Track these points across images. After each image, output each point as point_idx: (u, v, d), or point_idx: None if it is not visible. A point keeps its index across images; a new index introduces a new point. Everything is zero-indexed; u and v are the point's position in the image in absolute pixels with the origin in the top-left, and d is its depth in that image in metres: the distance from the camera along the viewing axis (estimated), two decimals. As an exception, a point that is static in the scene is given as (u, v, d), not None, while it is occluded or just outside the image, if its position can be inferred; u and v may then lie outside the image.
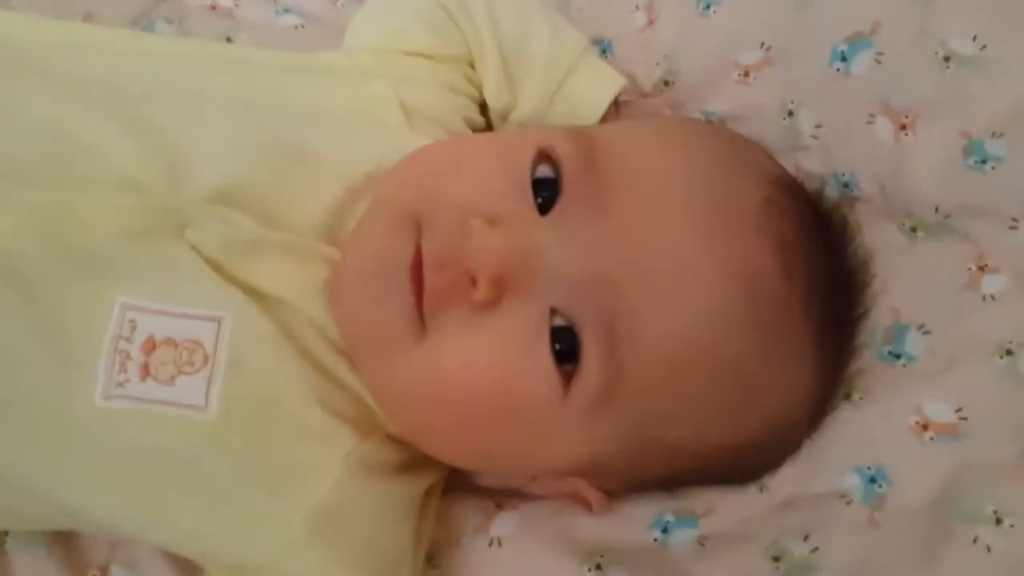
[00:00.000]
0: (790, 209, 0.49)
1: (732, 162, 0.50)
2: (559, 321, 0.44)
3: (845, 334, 0.53)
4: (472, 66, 0.65)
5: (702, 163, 0.48)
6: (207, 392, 0.46)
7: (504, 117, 0.66)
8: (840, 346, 0.53)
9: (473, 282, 0.44)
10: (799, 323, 0.47)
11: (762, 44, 0.65)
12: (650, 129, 0.55)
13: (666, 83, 0.70)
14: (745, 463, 0.52)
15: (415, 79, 0.60)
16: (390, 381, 0.48)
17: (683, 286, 0.44)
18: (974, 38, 0.57)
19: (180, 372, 0.46)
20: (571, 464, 0.49)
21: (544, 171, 0.47)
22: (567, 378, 0.45)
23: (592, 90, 0.66)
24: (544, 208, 0.46)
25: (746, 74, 0.66)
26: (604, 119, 0.66)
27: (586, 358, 0.44)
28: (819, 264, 0.49)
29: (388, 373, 0.47)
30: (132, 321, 0.46)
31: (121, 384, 0.45)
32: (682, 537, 0.52)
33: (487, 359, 0.45)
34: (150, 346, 0.46)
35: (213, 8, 0.79)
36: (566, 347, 0.44)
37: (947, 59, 0.57)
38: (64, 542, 0.55)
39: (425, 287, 0.45)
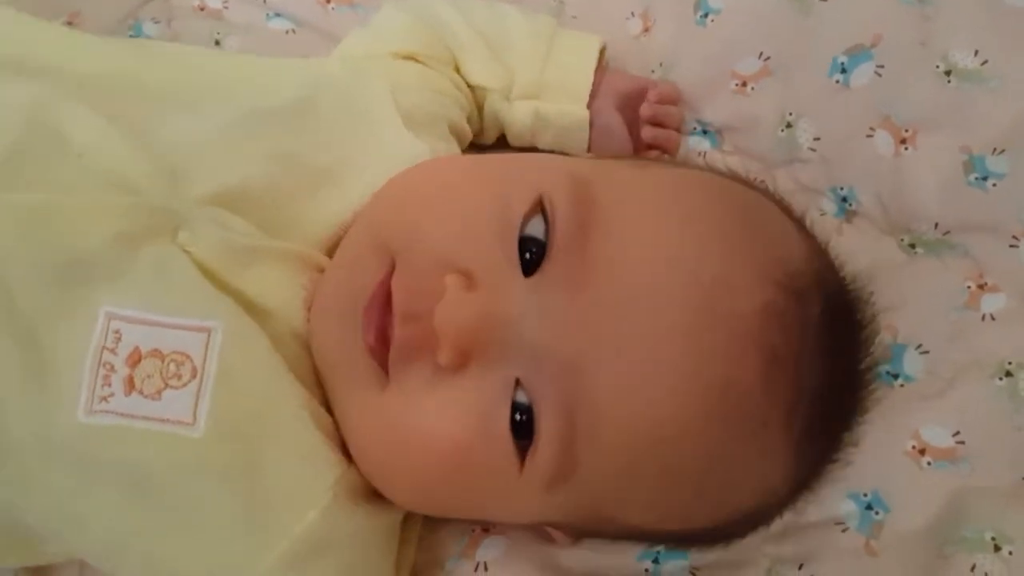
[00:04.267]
0: (791, 318, 0.45)
1: (740, 252, 0.45)
2: (521, 395, 0.43)
3: (831, 437, 0.51)
4: (457, 70, 0.65)
5: (704, 250, 0.44)
6: (195, 407, 0.44)
7: (507, 97, 0.65)
8: (823, 447, 0.51)
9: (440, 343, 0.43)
10: (777, 433, 0.45)
11: (760, 54, 0.64)
12: (658, 192, 0.48)
13: None
14: (706, 538, 0.51)
15: (406, 85, 0.59)
16: (349, 419, 0.47)
17: (651, 389, 0.42)
18: (976, 52, 0.56)
19: (167, 386, 0.44)
20: (529, 522, 0.49)
21: (534, 229, 0.45)
22: (523, 452, 0.44)
23: (579, 49, 0.66)
24: (530, 265, 0.44)
25: (743, 84, 0.65)
26: (596, 80, 0.65)
27: (542, 439, 0.43)
28: (815, 373, 0.45)
29: (348, 411, 0.47)
30: (117, 331, 0.44)
31: (105, 398, 0.43)
32: (674, 567, 0.51)
33: (444, 424, 0.44)
34: (136, 358, 0.44)
35: (202, 9, 0.78)
36: (526, 419, 0.43)
37: (948, 73, 0.57)
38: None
39: (393, 338, 0.44)
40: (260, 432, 0.45)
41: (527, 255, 0.45)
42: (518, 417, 0.43)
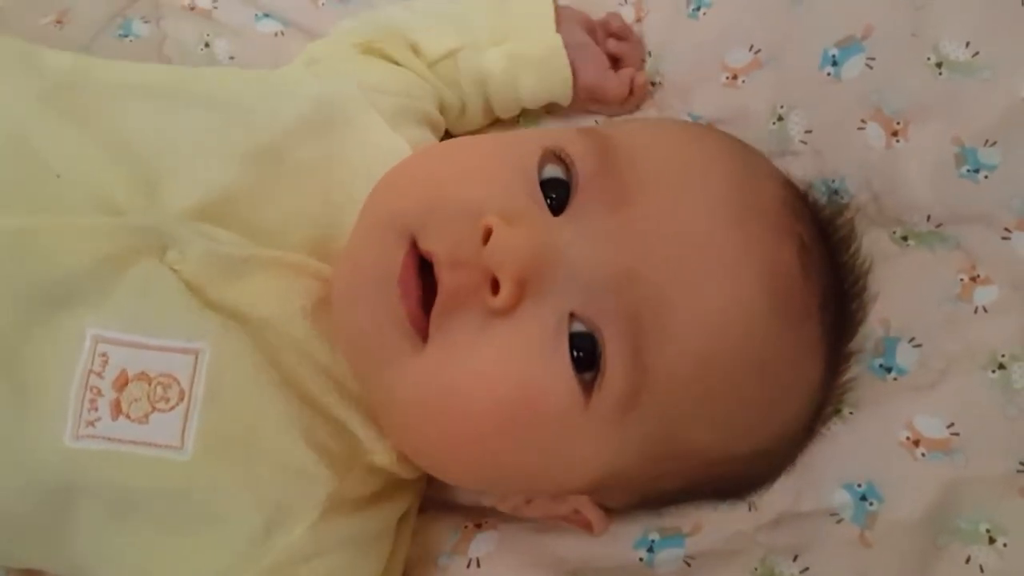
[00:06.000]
0: (804, 212, 0.48)
1: (747, 163, 0.49)
2: (578, 327, 0.42)
3: (846, 339, 0.53)
4: (417, 54, 0.65)
5: (720, 162, 0.47)
6: (183, 431, 0.44)
7: (477, 51, 0.65)
8: (841, 351, 0.52)
9: (493, 284, 0.42)
10: (815, 323, 0.47)
11: (751, 47, 0.64)
12: (662, 128, 0.54)
13: (652, 83, 0.69)
14: (752, 472, 0.50)
15: (373, 82, 0.59)
16: (394, 397, 0.45)
17: (710, 279, 0.43)
18: (967, 44, 0.56)
19: (154, 409, 0.44)
20: (587, 480, 0.47)
21: (553, 171, 0.46)
22: (587, 387, 0.42)
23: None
24: (556, 209, 0.45)
25: (734, 77, 0.65)
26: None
27: (609, 363, 0.42)
28: (829, 267, 0.48)
29: (392, 388, 0.45)
30: (104, 354, 0.44)
31: (92, 423, 0.43)
32: (668, 556, 0.51)
33: (502, 368, 0.42)
34: (122, 381, 0.44)
35: (192, 8, 0.77)
36: (586, 353, 0.42)
37: (939, 65, 0.56)
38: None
39: (440, 289, 0.43)
40: (250, 452, 0.45)
41: (549, 200, 0.45)
42: (576, 353, 0.42)
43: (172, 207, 0.47)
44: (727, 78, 0.65)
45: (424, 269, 0.44)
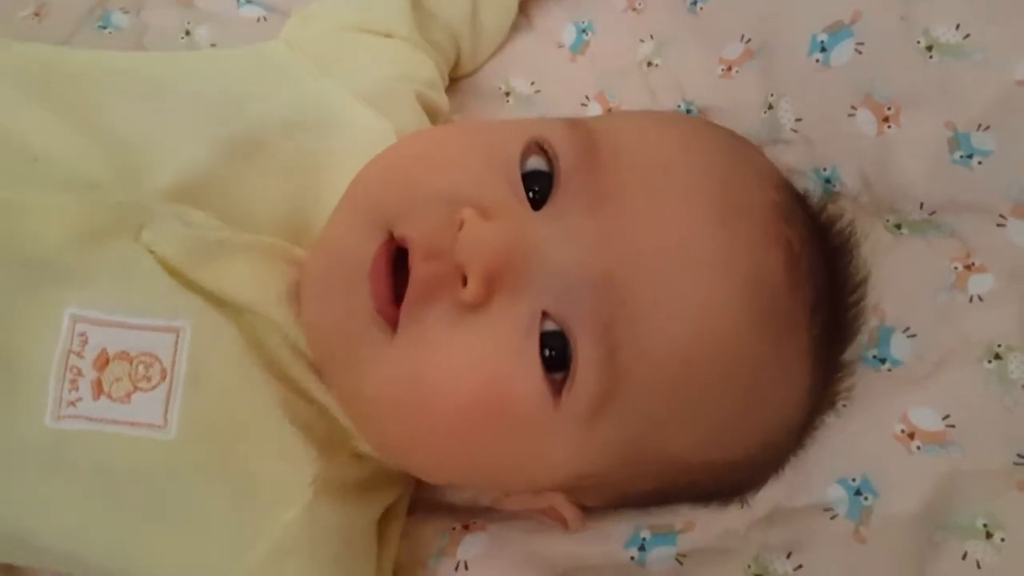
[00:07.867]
0: (796, 217, 0.47)
1: (739, 163, 0.48)
2: (550, 326, 0.42)
3: (839, 349, 0.52)
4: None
5: (709, 161, 0.46)
6: (166, 410, 0.43)
7: None
8: (833, 361, 0.51)
9: (463, 279, 0.41)
10: (802, 332, 0.46)
11: (743, 37, 0.63)
12: (651, 123, 0.52)
13: (650, 64, 0.68)
14: (735, 478, 0.50)
15: (359, 69, 0.58)
16: (363, 389, 0.45)
17: (689, 286, 0.42)
18: (957, 26, 0.54)
19: (136, 389, 0.43)
20: (558, 479, 0.46)
21: (536, 163, 0.45)
22: (557, 386, 0.42)
23: None
24: (537, 203, 0.44)
25: (729, 69, 0.64)
26: None
27: (581, 365, 0.41)
28: (822, 275, 0.47)
29: (360, 380, 0.44)
30: (83, 334, 0.43)
31: (73, 403, 0.43)
32: (660, 554, 0.50)
33: (472, 362, 0.42)
34: (103, 361, 0.43)
35: (173, -4, 0.76)
36: (558, 353, 0.42)
37: (930, 48, 0.55)
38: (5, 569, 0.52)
39: (411, 276, 0.42)
40: (234, 432, 0.44)
41: (531, 193, 0.44)
42: (547, 353, 0.42)
43: (149, 187, 0.47)
44: (723, 70, 0.64)
45: (401, 261, 0.43)
